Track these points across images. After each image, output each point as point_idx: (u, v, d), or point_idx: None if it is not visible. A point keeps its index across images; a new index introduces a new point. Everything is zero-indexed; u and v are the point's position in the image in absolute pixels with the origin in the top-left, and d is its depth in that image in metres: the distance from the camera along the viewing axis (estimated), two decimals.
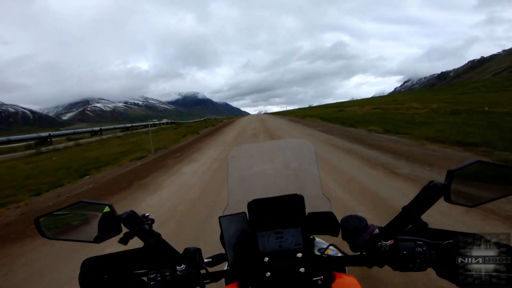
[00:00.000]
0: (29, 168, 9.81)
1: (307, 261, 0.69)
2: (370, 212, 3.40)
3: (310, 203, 0.82)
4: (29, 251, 3.20)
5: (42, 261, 2.95)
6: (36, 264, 2.90)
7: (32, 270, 2.81)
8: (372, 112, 24.28)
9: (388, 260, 0.65)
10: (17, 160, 13.07)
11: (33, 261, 2.97)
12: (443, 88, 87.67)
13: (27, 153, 15.80)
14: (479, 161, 0.59)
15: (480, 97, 30.82)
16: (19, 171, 9.46)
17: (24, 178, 7.68)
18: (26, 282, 2.63)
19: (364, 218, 0.72)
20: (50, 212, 0.69)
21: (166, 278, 0.66)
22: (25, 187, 6.54)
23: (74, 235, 0.70)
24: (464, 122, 10.94)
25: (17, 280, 2.66)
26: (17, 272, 2.81)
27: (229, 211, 0.87)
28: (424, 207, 0.62)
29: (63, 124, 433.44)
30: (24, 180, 7.45)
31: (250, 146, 1.21)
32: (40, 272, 2.74)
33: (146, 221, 0.69)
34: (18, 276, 2.74)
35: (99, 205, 0.68)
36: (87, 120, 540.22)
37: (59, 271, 2.68)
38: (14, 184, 7.03)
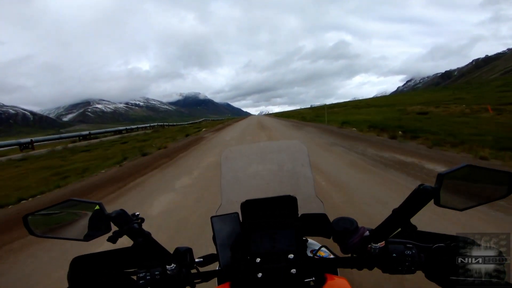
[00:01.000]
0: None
1: (299, 263, 0.69)
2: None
3: (303, 204, 0.83)
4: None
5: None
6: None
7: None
8: (419, 117, 18.22)
9: (378, 263, 0.65)
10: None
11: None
12: (460, 86, 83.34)
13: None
14: (469, 165, 0.60)
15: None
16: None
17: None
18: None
19: (355, 220, 0.72)
20: (38, 210, 0.70)
21: (155, 277, 0.66)
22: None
23: (63, 233, 0.71)
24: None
25: None
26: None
27: (222, 211, 0.88)
28: (413, 210, 0.63)
29: (64, 126, 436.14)
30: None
31: (244, 147, 1.23)
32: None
33: (135, 220, 0.69)
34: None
35: (89, 203, 0.68)
36: (88, 122, 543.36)
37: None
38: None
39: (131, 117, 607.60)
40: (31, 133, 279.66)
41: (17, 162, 12.92)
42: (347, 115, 26.60)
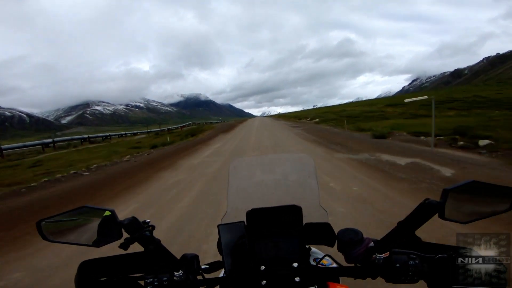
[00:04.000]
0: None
1: (302, 271, 0.72)
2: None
3: (307, 213, 0.86)
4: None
5: None
6: None
7: None
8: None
9: (381, 272, 0.69)
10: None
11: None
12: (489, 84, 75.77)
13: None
14: (474, 181, 0.64)
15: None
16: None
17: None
18: None
19: (360, 231, 0.75)
20: (52, 215, 0.73)
21: (163, 283, 0.69)
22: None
23: (75, 239, 0.74)
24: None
25: None
26: None
27: (228, 219, 0.91)
28: (418, 223, 0.66)
29: (61, 128, 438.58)
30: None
31: (252, 159, 1.28)
32: None
33: (147, 228, 0.73)
34: None
35: (101, 210, 0.72)
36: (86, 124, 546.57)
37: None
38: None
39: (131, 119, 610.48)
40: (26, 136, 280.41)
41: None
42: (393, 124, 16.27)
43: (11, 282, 2.89)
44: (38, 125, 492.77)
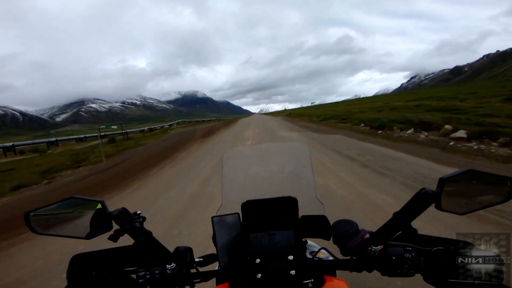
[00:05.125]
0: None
1: (298, 264, 0.72)
2: None
3: (303, 206, 0.85)
4: None
5: None
6: None
7: None
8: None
9: (377, 265, 0.68)
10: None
11: None
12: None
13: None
14: (471, 170, 0.63)
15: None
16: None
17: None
18: None
19: (356, 222, 0.75)
20: (40, 207, 0.72)
21: (155, 276, 0.68)
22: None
23: (65, 231, 0.73)
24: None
25: None
26: None
27: (223, 211, 0.90)
28: (414, 214, 0.65)
29: (55, 126, 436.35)
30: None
31: (246, 148, 1.25)
32: None
33: (137, 219, 0.72)
34: None
35: (91, 201, 0.71)
36: (81, 122, 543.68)
37: None
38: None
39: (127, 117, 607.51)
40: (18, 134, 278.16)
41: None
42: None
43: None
44: (32, 123, 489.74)
